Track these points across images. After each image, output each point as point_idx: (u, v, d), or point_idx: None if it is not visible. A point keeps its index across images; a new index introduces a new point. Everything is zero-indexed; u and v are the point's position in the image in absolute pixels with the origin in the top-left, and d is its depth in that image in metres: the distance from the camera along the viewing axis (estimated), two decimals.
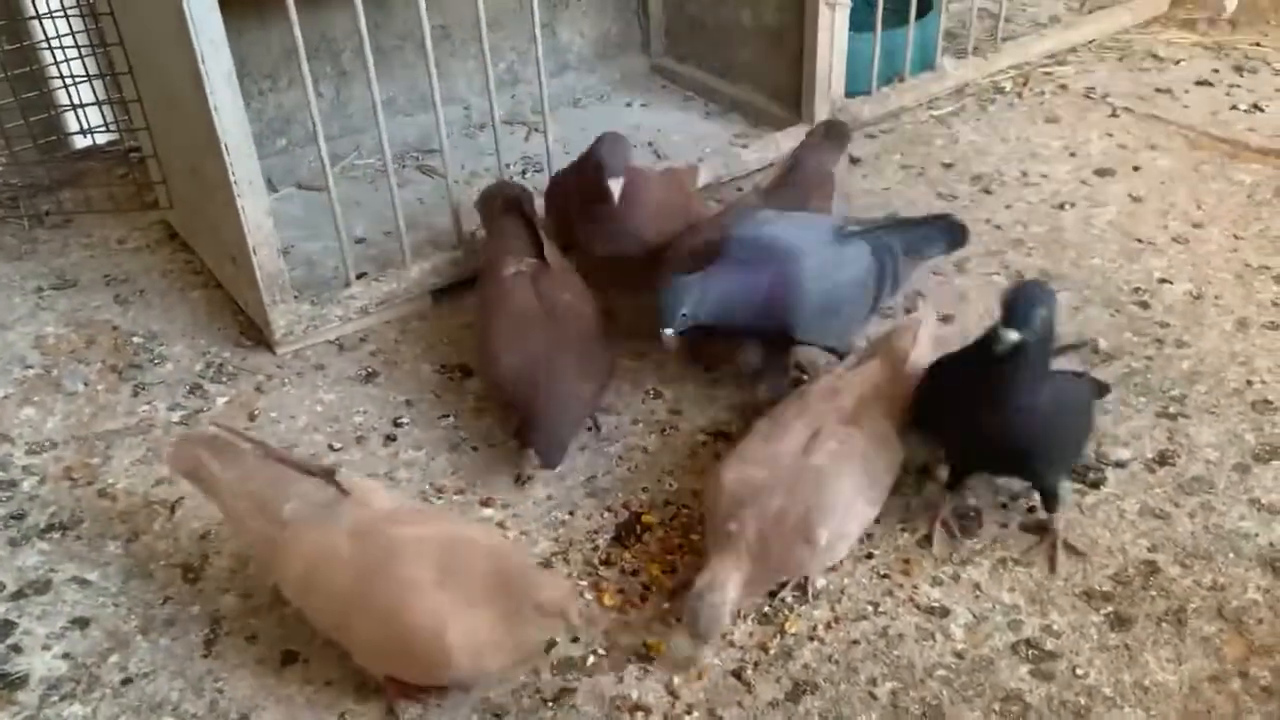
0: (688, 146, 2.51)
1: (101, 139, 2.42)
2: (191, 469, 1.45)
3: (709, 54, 2.73)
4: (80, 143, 2.48)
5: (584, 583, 1.52)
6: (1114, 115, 2.60)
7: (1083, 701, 1.34)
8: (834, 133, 2.08)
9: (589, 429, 1.76)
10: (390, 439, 1.77)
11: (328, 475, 1.40)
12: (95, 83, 2.24)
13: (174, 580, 1.55)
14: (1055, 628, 1.43)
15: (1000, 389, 1.41)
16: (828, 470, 1.44)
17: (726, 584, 1.36)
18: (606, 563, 1.55)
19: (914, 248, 1.83)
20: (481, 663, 1.29)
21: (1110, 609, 1.46)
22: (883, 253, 1.75)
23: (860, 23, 2.48)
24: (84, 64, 2.22)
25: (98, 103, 2.26)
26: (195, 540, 1.61)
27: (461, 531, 1.37)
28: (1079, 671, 1.38)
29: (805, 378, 1.82)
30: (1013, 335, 1.34)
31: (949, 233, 1.89)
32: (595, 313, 1.80)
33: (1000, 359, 1.36)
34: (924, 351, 1.63)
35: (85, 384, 1.92)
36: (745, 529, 1.38)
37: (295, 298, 1.95)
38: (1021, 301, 1.36)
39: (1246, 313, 1.95)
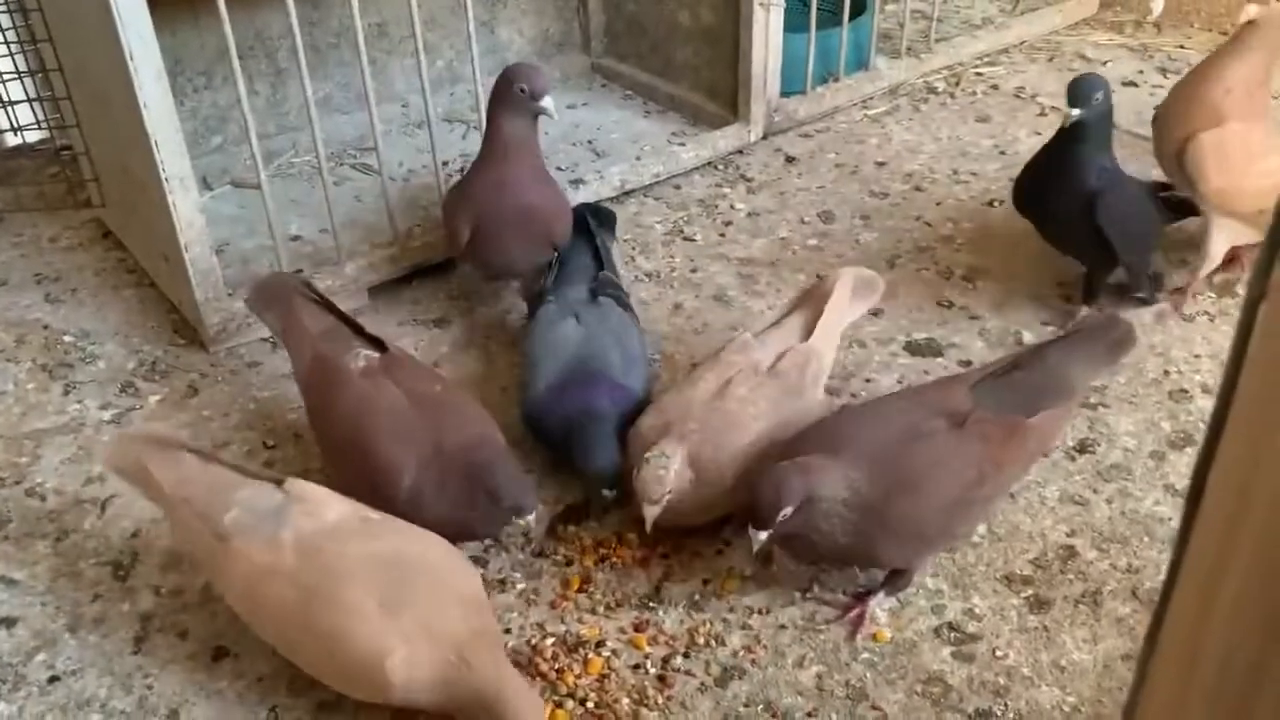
0: (626, 145, 2.53)
1: (32, 137, 2.39)
2: (131, 469, 1.41)
3: (648, 53, 2.75)
4: (10, 141, 2.45)
5: (518, 574, 1.54)
6: (1043, 114, 2.66)
7: (1002, 681, 1.38)
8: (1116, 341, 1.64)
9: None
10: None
11: (275, 483, 1.37)
12: (25, 80, 2.21)
13: (104, 578, 1.54)
14: (977, 611, 1.47)
15: (1071, 168, 1.82)
16: (735, 413, 1.50)
17: (672, 451, 1.44)
18: (540, 555, 1.57)
19: (609, 262, 1.94)
20: (415, 693, 1.25)
21: (1030, 592, 1.50)
22: (617, 291, 1.85)
23: (796, 23, 2.52)
24: (13, 61, 2.20)
25: (28, 100, 2.23)
26: (126, 539, 1.60)
27: (414, 550, 1.31)
28: (999, 653, 1.42)
29: None
30: (1076, 112, 1.74)
31: (602, 219, 2.04)
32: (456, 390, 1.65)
33: (1070, 135, 1.79)
34: (840, 306, 1.69)
35: (14, 383, 1.90)
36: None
37: (229, 295, 1.94)
38: (1082, 84, 1.75)
39: (1164, 305, 2.01)
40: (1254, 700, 0.49)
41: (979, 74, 2.86)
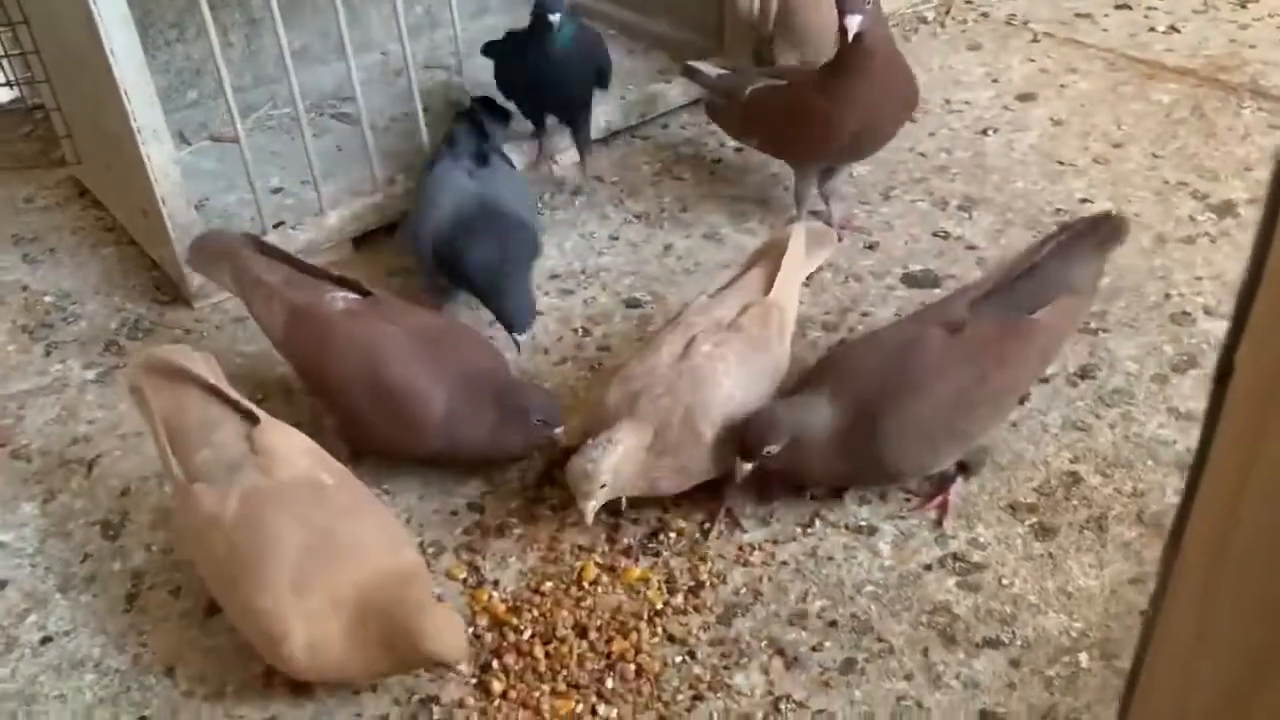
0: (611, 86, 2.47)
1: (2, 96, 2.33)
2: (138, 390, 1.39)
3: None
4: None
5: (514, 520, 1.51)
6: (1035, 41, 2.61)
7: (1008, 610, 1.36)
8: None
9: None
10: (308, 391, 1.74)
11: (251, 421, 1.35)
12: None
13: (93, 538, 1.52)
14: (981, 540, 1.45)
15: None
16: (704, 368, 1.45)
17: (616, 441, 1.37)
18: (537, 500, 1.54)
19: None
20: (326, 675, 1.25)
21: (1035, 520, 1.47)
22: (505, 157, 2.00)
23: None
24: None
25: None
26: (114, 497, 1.58)
27: (346, 526, 1.26)
28: (1005, 581, 1.40)
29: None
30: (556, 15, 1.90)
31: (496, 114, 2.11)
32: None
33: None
34: (797, 259, 1.64)
35: None
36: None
37: None
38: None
39: (1165, 228, 1.98)
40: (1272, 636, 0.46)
41: (969, 2, 2.79)
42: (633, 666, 1.30)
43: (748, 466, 1.40)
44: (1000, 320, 1.46)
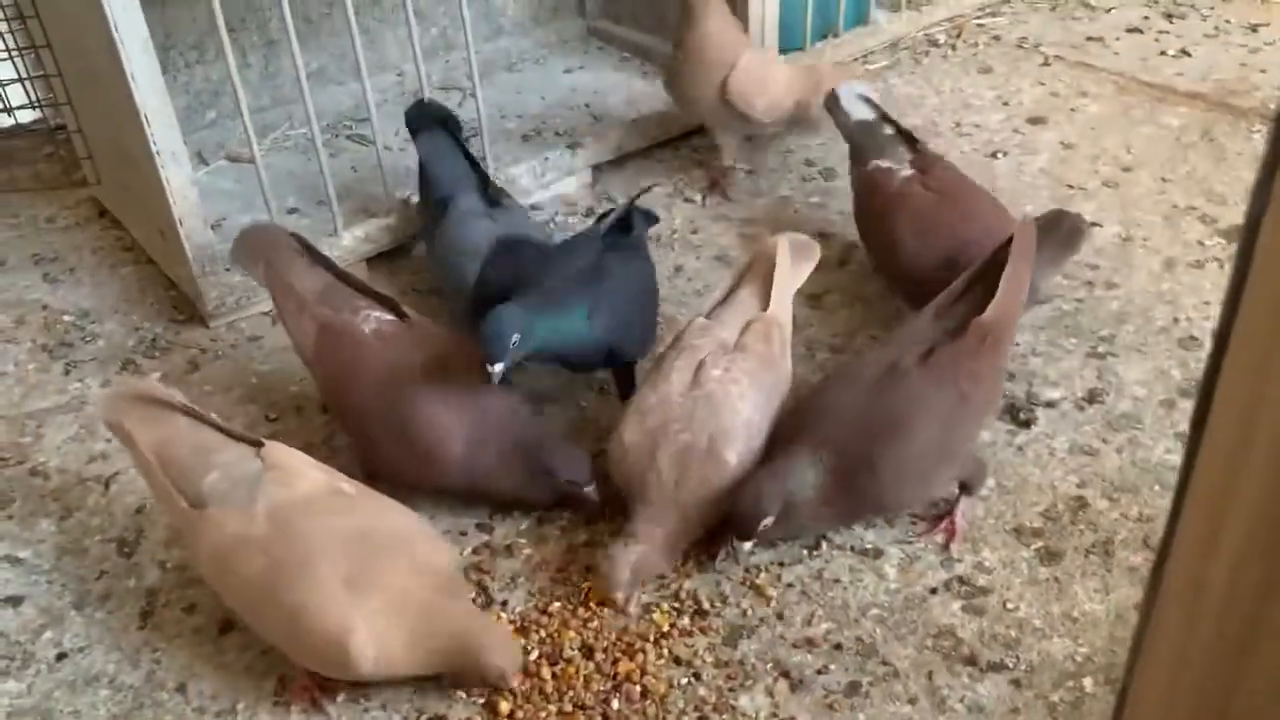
0: (624, 107, 2.50)
1: (25, 117, 2.37)
2: (115, 425, 1.41)
3: (644, 13, 2.71)
4: (4, 122, 2.43)
5: (523, 540, 1.53)
6: (1046, 64, 2.62)
7: (1013, 634, 1.37)
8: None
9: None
10: (328, 408, 1.76)
11: (255, 445, 1.37)
12: (16, 59, 2.19)
13: (109, 555, 1.54)
14: (987, 564, 1.46)
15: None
16: (718, 394, 1.46)
17: (636, 540, 1.40)
18: (545, 522, 1.55)
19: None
20: (388, 670, 1.27)
21: (1040, 544, 1.48)
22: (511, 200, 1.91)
23: None
24: (2, 40, 2.18)
25: (19, 80, 2.21)
26: (130, 515, 1.60)
27: (382, 526, 1.31)
28: (1009, 605, 1.40)
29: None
30: (499, 368, 1.43)
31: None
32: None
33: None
34: (785, 273, 1.65)
35: (15, 364, 1.89)
36: (661, 477, 1.42)
37: (226, 270, 1.92)
38: (492, 335, 1.44)
39: (1173, 252, 1.98)
40: (1258, 633, 0.47)
41: (980, 25, 2.81)
42: (638, 688, 1.31)
43: (748, 546, 1.41)
44: (960, 334, 1.46)
